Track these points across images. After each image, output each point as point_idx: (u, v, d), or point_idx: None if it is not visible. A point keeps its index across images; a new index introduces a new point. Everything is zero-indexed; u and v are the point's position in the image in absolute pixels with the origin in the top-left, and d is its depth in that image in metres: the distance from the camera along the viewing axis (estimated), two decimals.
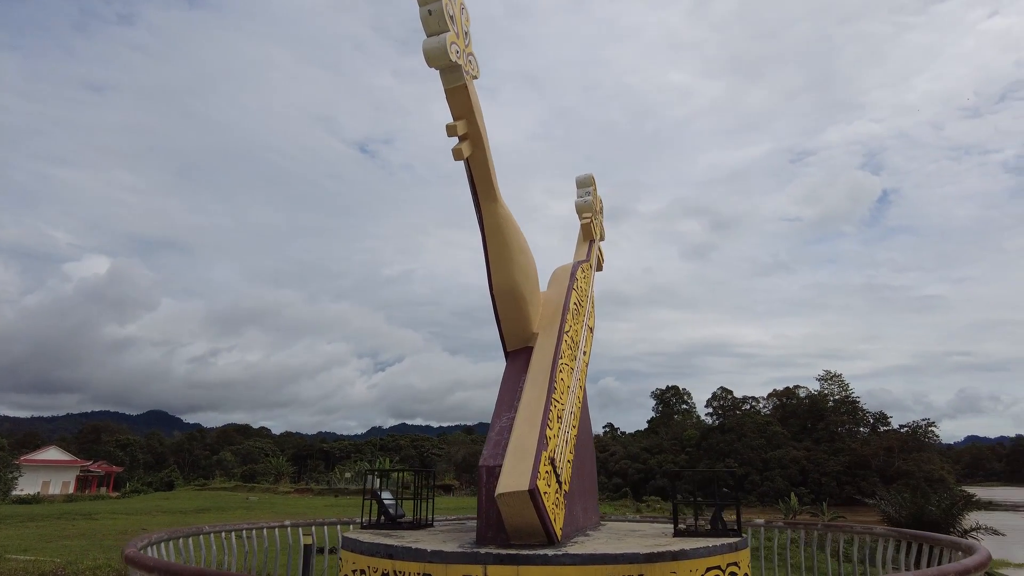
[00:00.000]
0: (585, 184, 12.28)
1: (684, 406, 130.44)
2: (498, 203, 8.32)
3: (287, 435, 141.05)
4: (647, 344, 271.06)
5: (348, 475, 69.62)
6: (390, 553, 6.85)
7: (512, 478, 6.83)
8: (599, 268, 12.70)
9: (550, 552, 6.42)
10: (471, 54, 7.98)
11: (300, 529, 11.37)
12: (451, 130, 7.41)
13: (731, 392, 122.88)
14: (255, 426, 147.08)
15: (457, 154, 7.48)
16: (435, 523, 9.92)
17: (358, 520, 12.24)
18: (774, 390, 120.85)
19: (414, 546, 6.82)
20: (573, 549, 6.70)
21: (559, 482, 7.63)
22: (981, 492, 40.89)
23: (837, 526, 10.67)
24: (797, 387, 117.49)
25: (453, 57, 7.13)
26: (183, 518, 34.89)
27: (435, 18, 6.84)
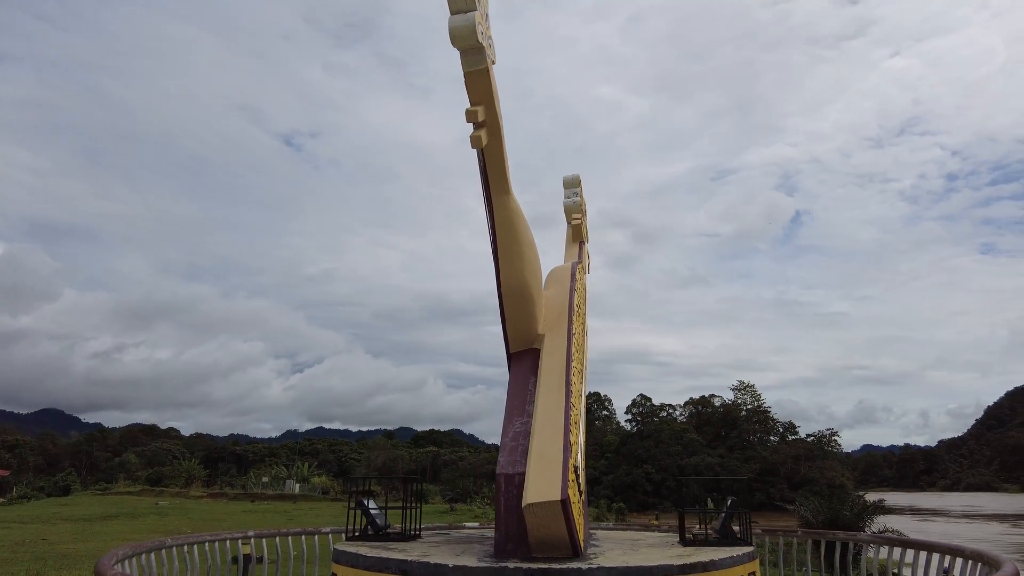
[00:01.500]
0: (572, 184, 11.99)
1: (605, 412, 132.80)
2: (510, 196, 7.91)
3: (197, 437, 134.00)
4: None
5: (265, 479, 66.42)
6: (404, 569, 6.29)
7: (541, 487, 6.41)
8: (587, 271, 12.46)
9: (583, 566, 6.06)
10: (490, 37, 7.56)
11: (264, 541, 10.50)
12: (471, 116, 6.90)
13: (650, 399, 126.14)
14: (163, 427, 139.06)
15: (475, 142, 7.01)
16: (422, 534, 9.33)
17: (325, 530, 11.49)
18: (691, 398, 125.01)
19: (432, 561, 6.28)
20: (603, 562, 6.36)
21: (580, 491, 7.30)
22: (876, 497, 43.63)
23: (821, 533, 10.82)
24: (712, 396, 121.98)
25: (479, 38, 6.70)
26: (89, 526, 32.24)
27: None
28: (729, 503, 8.25)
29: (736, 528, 8.06)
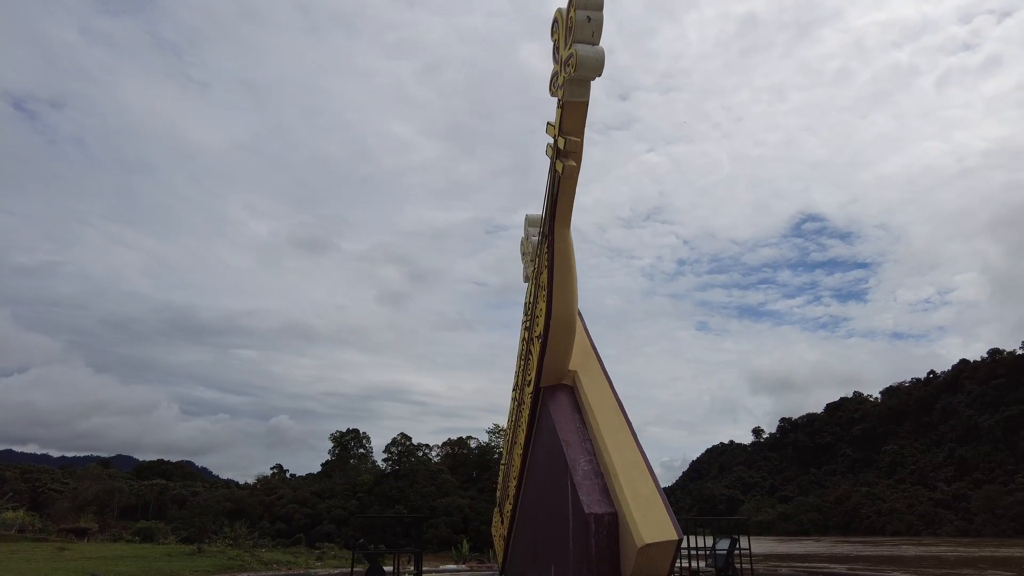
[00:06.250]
0: (537, 223, 12.18)
1: (361, 450, 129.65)
2: (569, 229, 7.85)
3: None
4: (327, 383, 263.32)
5: None
6: None
7: (653, 527, 6.30)
8: None
9: None
10: None
11: None
12: (573, 145, 6.80)
13: (410, 439, 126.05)
14: None
15: (571, 171, 6.92)
16: None
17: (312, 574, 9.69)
18: (448, 439, 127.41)
19: None
20: None
21: None
22: None
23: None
24: (470, 438, 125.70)
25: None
26: None
27: (593, 26, 6.32)
28: (729, 541, 8.66)
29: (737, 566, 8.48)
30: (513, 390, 14.17)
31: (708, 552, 9.64)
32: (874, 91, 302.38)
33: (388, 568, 8.60)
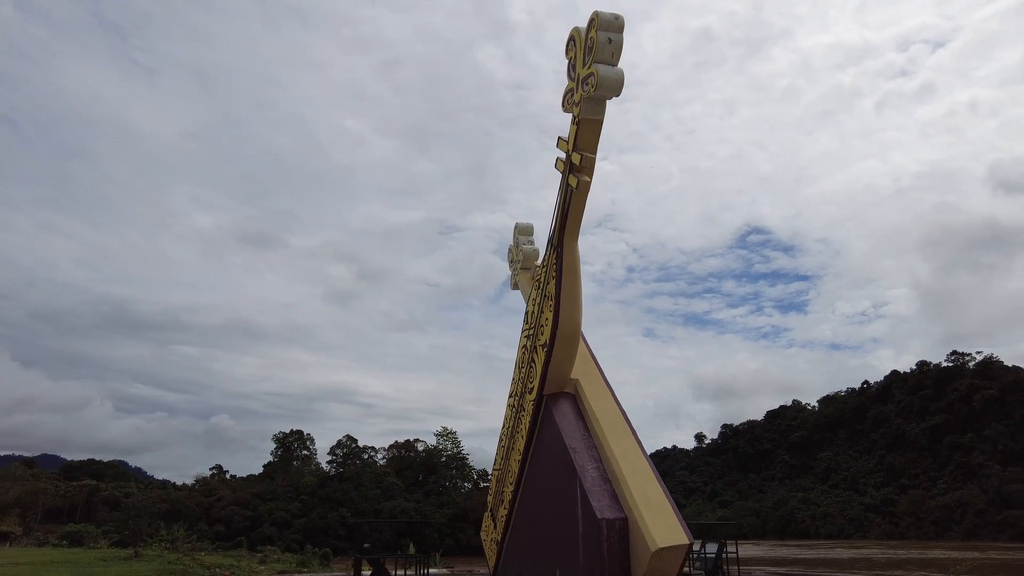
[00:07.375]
0: (528, 232, 12.49)
1: (305, 452, 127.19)
2: (577, 242, 8.06)
3: None
4: (271, 383, 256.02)
5: None
6: None
7: (665, 532, 6.44)
8: None
9: None
10: None
11: None
12: (588, 162, 7.12)
13: (355, 441, 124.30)
14: None
15: (584, 186, 7.10)
16: None
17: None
18: (395, 442, 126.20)
19: None
20: None
21: None
22: None
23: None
24: (417, 440, 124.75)
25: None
26: None
27: (613, 47, 6.57)
28: (718, 545, 8.87)
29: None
30: (510, 397, 14.26)
31: (697, 556, 9.93)
32: (820, 110, 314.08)
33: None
